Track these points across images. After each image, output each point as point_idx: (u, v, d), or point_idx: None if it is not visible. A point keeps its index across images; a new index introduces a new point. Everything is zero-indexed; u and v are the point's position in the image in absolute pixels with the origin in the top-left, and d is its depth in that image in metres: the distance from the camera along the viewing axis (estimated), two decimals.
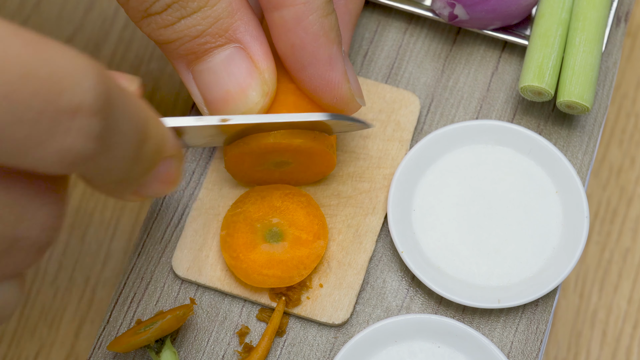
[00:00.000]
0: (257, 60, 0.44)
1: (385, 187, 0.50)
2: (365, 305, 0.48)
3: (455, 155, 0.50)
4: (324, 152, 0.46)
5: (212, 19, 0.43)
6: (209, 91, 0.44)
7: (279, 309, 0.47)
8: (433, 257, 0.49)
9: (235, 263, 0.47)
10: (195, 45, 0.43)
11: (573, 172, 0.49)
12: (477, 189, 0.50)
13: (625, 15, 0.54)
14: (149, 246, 0.50)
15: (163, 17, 0.43)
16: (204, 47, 0.43)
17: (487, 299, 0.47)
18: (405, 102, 0.51)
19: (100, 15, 0.69)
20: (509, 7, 0.51)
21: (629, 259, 0.65)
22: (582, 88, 0.49)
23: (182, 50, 0.44)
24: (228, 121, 0.42)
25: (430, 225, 0.49)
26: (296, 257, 0.47)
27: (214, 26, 0.43)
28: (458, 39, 0.54)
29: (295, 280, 0.47)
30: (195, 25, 0.43)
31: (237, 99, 0.44)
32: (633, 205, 0.67)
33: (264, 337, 0.47)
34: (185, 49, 0.44)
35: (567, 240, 0.49)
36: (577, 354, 0.63)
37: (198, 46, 0.43)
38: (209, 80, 0.44)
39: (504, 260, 0.49)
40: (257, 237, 0.48)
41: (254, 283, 0.47)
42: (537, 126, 0.52)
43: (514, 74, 0.53)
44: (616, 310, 0.64)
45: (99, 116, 0.31)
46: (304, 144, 0.45)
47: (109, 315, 0.48)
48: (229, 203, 0.49)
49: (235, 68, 0.44)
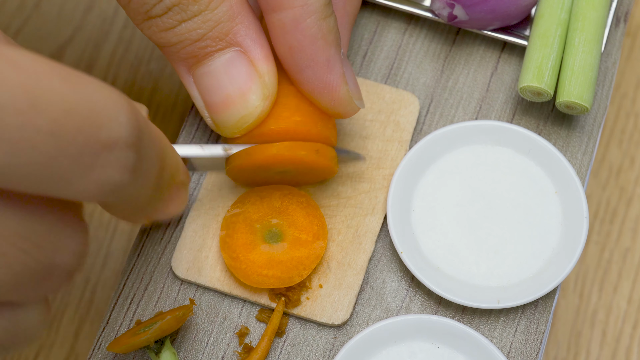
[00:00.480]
0: (258, 63, 0.44)
1: (385, 188, 0.50)
2: (364, 305, 0.48)
3: (455, 155, 0.50)
4: (326, 165, 0.46)
5: (213, 22, 0.43)
6: (210, 95, 0.44)
7: (279, 309, 0.47)
8: (432, 257, 0.49)
9: (235, 264, 0.47)
10: (196, 48, 0.43)
11: (572, 173, 0.49)
12: (477, 190, 0.50)
13: (624, 15, 0.54)
14: (149, 247, 0.50)
15: (164, 20, 0.43)
16: (205, 50, 0.44)
17: (486, 299, 0.47)
18: (404, 102, 0.51)
19: (100, 15, 0.69)
20: (508, 7, 0.51)
21: (628, 259, 0.65)
22: (582, 88, 0.49)
23: (182, 53, 0.44)
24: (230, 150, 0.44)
25: (429, 225, 0.49)
26: (295, 257, 0.47)
27: (215, 30, 0.43)
28: (457, 40, 0.54)
29: (295, 281, 0.47)
30: (195, 28, 0.43)
31: (238, 103, 0.44)
32: (632, 205, 0.67)
33: (263, 337, 0.47)
34: (186, 53, 0.44)
35: (566, 240, 0.49)
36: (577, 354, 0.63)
37: (199, 50, 0.44)
38: (210, 83, 0.44)
39: (503, 260, 0.49)
40: (256, 237, 0.48)
41: (254, 284, 0.47)
42: (537, 126, 0.52)
43: (514, 74, 0.53)
44: (616, 310, 0.64)
45: (133, 148, 0.32)
46: (306, 157, 0.45)
47: (109, 315, 0.48)
48: (228, 203, 0.49)
49: (235, 72, 0.44)
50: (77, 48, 0.68)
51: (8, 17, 0.69)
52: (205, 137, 0.51)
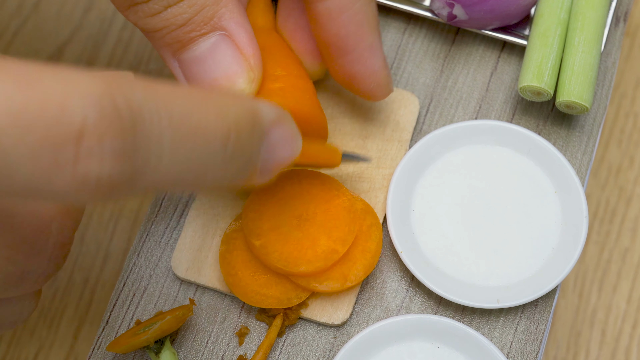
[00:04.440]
0: (243, 47, 0.44)
1: (385, 187, 0.50)
2: (364, 305, 0.48)
3: (455, 155, 0.50)
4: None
5: (198, 6, 0.43)
6: (196, 80, 0.44)
7: (276, 324, 0.47)
8: (432, 257, 0.49)
9: (233, 280, 0.47)
10: (181, 33, 0.43)
11: (572, 172, 0.49)
12: (476, 189, 0.50)
13: (624, 15, 0.54)
14: (148, 247, 0.50)
15: (150, 6, 0.43)
16: (189, 35, 0.43)
17: (486, 299, 0.47)
18: (404, 102, 0.51)
19: (99, 15, 0.69)
20: (507, 7, 0.51)
21: (628, 259, 0.65)
22: (582, 88, 0.49)
23: (168, 38, 0.44)
24: None
25: (429, 225, 0.49)
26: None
27: (200, 14, 0.43)
28: (457, 39, 0.54)
29: (294, 303, 0.47)
30: (181, 13, 0.43)
31: (224, 87, 0.44)
32: (632, 205, 0.67)
33: (258, 351, 0.47)
34: (171, 38, 0.44)
35: (566, 240, 0.49)
36: (577, 354, 0.63)
37: (184, 34, 0.43)
38: (196, 68, 0.44)
39: (503, 260, 0.49)
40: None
41: (252, 302, 0.47)
42: (536, 126, 0.52)
43: (513, 74, 0.53)
44: (615, 310, 0.64)
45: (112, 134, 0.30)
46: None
47: (108, 316, 0.48)
48: (228, 203, 0.49)
49: (220, 55, 0.44)
50: (76, 48, 0.68)
51: (7, 17, 0.69)
52: None
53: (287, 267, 0.46)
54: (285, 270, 0.46)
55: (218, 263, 0.48)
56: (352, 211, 0.47)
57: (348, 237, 0.47)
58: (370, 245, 0.47)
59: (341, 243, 0.46)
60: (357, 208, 0.47)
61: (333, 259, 0.46)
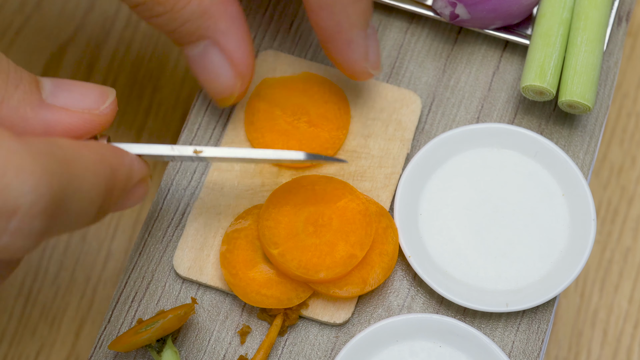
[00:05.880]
0: (231, 53, 0.46)
1: (387, 187, 0.50)
2: (366, 304, 0.48)
3: (461, 158, 0.50)
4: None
5: (180, 21, 0.45)
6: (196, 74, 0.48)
7: (277, 323, 0.47)
8: (440, 261, 0.48)
9: (234, 280, 0.47)
10: (172, 37, 0.46)
11: (579, 175, 0.49)
12: (484, 193, 0.50)
13: (626, 14, 0.54)
14: (150, 245, 0.50)
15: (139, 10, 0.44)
16: (179, 40, 0.46)
17: (495, 302, 0.47)
18: (406, 101, 0.51)
19: (101, 15, 0.69)
20: (510, 6, 0.51)
21: (629, 259, 0.65)
22: (584, 87, 0.49)
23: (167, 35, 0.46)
24: (201, 153, 0.44)
25: (437, 229, 0.49)
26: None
27: (184, 27, 0.45)
28: (459, 39, 0.54)
29: (294, 303, 0.47)
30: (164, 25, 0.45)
31: (213, 88, 0.47)
32: (634, 204, 0.67)
33: (259, 351, 0.47)
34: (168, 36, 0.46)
35: (573, 243, 0.48)
36: (578, 354, 0.63)
37: (175, 38, 0.46)
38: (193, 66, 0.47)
39: (511, 263, 0.48)
40: (257, 255, 0.47)
41: (252, 302, 0.47)
42: (539, 126, 0.52)
43: (515, 73, 0.53)
44: (617, 309, 0.64)
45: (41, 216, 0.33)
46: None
47: (110, 314, 0.48)
48: (230, 202, 0.49)
49: (208, 61, 0.46)
50: (79, 47, 0.68)
51: (9, 16, 0.69)
52: (206, 136, 0.51)
53: (306, 274, 0.46)
54: (304, 278, 0.46)
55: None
56: (367, 214, 0.47)
57: (366, 241, 0.47)
58: (387, 247, 0.47)
59: (359, 247, 0.46)
60: (371, 211, 0.48)
61: (352, 264, 0.46)
